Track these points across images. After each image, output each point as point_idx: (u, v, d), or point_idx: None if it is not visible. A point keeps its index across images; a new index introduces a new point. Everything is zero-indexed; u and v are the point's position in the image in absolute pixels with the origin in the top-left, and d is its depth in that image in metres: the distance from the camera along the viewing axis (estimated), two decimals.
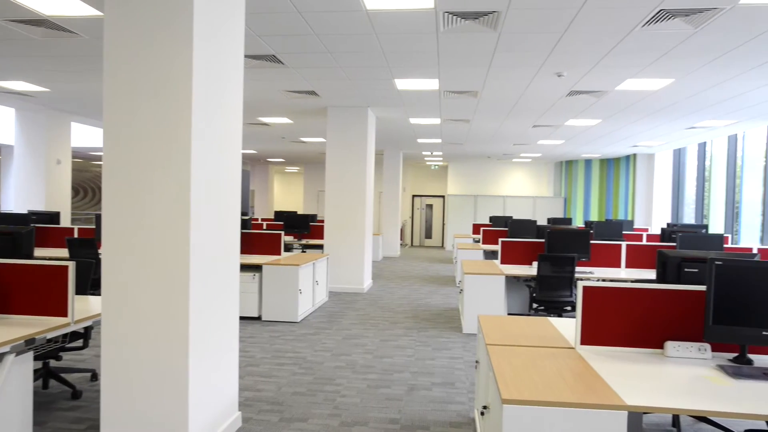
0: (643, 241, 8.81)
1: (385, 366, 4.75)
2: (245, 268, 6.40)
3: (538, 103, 7.98)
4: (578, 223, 16.50)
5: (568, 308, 5.55)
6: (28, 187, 9.67)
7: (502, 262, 6.69)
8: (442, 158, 17.50)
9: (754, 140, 10.19)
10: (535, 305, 5.62)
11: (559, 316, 5.53)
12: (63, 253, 6.91)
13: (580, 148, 13.64)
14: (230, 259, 3.28)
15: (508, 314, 6.53)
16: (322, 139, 12.57)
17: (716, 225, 11.36)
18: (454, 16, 4.44)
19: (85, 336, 3.67)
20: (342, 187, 8.80)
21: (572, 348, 2.78)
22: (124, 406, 2.83)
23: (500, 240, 6.76)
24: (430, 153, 15.77)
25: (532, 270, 6.08)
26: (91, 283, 4.03)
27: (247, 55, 5.71)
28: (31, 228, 4.13)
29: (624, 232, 9.33)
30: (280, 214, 12.28)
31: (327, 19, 4.58)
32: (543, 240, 6.48)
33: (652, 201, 14.02)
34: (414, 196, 19.76)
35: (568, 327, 3.26)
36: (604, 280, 5.61)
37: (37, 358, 3.61)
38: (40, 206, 9.75)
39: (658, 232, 11.23)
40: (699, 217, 12.11)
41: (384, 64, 6.00)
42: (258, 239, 7.14)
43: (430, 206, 19.70)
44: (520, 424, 2.02)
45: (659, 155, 13.92)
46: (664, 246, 6.62)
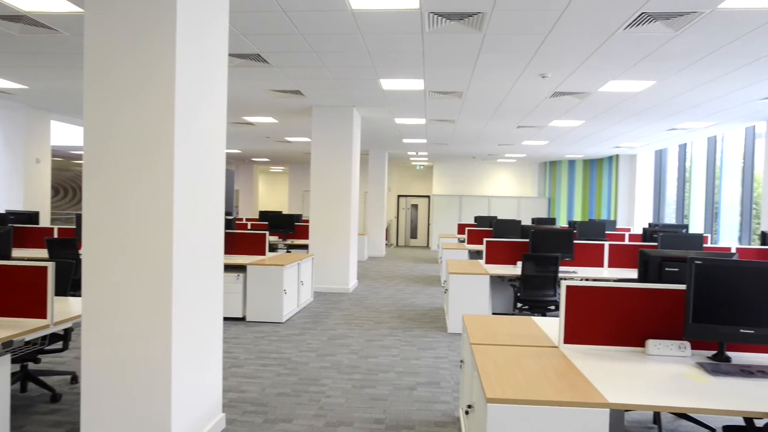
0: (626, 241, 8.92)
1: (370, 366, 4.75)
2: (229, 268, 6.35)
3: (523, 104, 8.04)
4: (562, 223, 16.66)
5: (552, 307, 5.60)
6: (6, 186, 9.48)
7: (487, 262, 6.73)
8: (427, 158, 17.55)
9: (733, 142, 10.38)
10: (519, 305, 5.66)
11: (543, 315, 5.57)
12: (42, 253, 6.79)
13: (564, 149, 13.78)
14: (214, 260, 3.25)
15: (493, 314, 6.56)
16: (307, 139, 12.53)
17: (696, 225, 11.55)
18: (439, 17, 4.45)
19: (65, 338, 3.61)
20: (327, 187, 8.78)
21: (556, 347, 2.80)
22: (105, 408, 2.79)
23: (485, 240, 6.79)
24: (415, 153, 15.80)
25: (516, 270, 6.12)
26: (71, 284, 3.97)
27: (231, 54, 5.66)
28: (9, 228, 4.06)
29: (607, 232, 9.44)
30: (264, 214, 12.20)
31: (312, 18, 4.56)
32: (527, 240, 6.53)
33: (634, 201, 14.22)
34: (399, 196, 19.78)
35: (552, 326, 3.29)
36: (587, 280, 5.68)
37: (14, 361, 3.54)
38: (18, 206, 9.56)
39: (640, 231, 11.38)
40: (680, 217, 12.30)
41: (369, 64, 6.00)
42: (242, 239, 7.08)
43: (416, 206, 19.74)
44: (504, 423, 2.03)
45: (641, 156, 14.11)
46: (646, 246, 6.71)
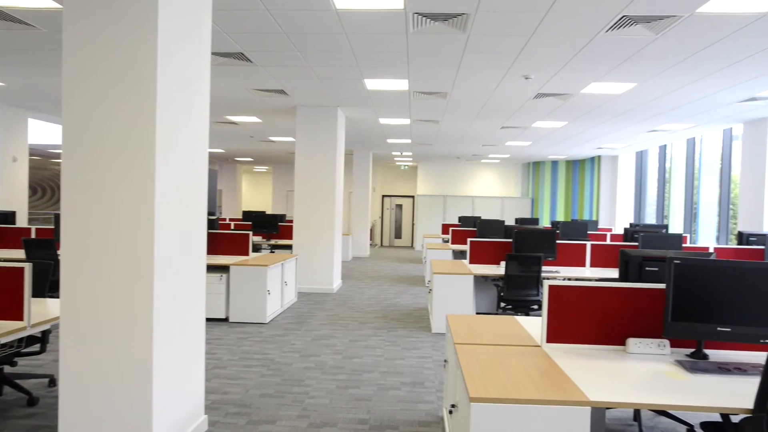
0: (607, 241, 9.03)
1: (354, 366, 4.74)
2: (212, 269, 6.28)
3: (506, 105, 8.10)
4: (545, 223, 16.82)
5: (535, 307, 5.65)
6: None
7: (471, 262, 6.76)
8: (411, 158, 17.58)
9: (711, 144, 10.58)
10: (502, 304, 5.70)
11: (527, 314, 5.62)
12: (19, 254, 6.65)
13: (547, 150, 13.91)
14: (196, 260, 3.21)
15: (477, 313, 6.60)
16: (291, 139, 12.46)
17: (676, 225, 11.74)
18: (424, 17, 4.46)
19: (42, 340, 3.54)
20: (311, 187, 8.75)
21: (538, 346, 2.83)
22: (84, 412, 2.74)
23: (469, 240, 6.82)
24: (399, 153, 15.82)
25: (500, 269, 6.16)
26: (49, 286, 3.90)
27: (214, 53, 5.61)
28: None
29: (589, 232, 9.55)
30: (248, 214, 12.11)
31: (296, 17, 4.54)
32: (511, 240, 6.58)
33: (615, 201, 14.41)
34: (384, 196, 19.78)
35: (535, 325, 3.31)
36: (569, 279, 5.73)
37: None
38: None
39: (622, 232, 11.53)
40: (660, 218, 12.50)
41: (354, 64, 5.99)
42: (225, 239, 7.02)
43: (400, 206, 19.77)
44: (488, 422, 2.04)
45: (622, 157, 14.30)
46: (627, 245, 6.80)
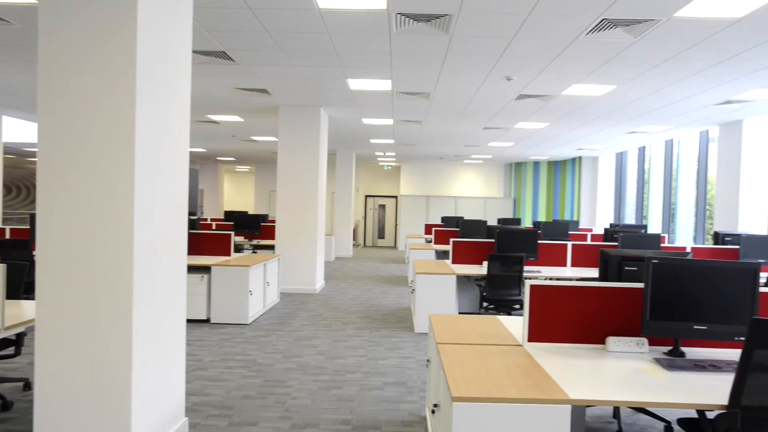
0: (588, 241, 9.15)
1: (337, 367, 4.73)
2: (193, 269, 6.21)
3: (489, 106, 8.16)
4: (527, 223, 16.97)
5: (517, 306, 5.69)
6: None
7: (454, 262, 6.79)
8: (394, 159, 17.60)
9: (688, 146, 10.78)
10: (485, 304, 5.73)
11: (509, 314, 5.66)
12: None
13: (529, 151, 14.04)
14: (177, 260, 3.18)
15: (459, 313, 6.63)
16: (273, 138, 12.39)
17: (654, 225, 11.94)
18: (407, 18, 4.47)
19: (17, 343, 3.48)
20: (294, 187, 8.70)
21: (520, 345, 2.85)
22: (60, 416, 2.69)
23: (451, 240, 6.85)
24: (383, 153, 15.83)
25: (482, 269, 6.20)
26: (24, 287, 3.82)
27: (195, 51, 5.55)
28: None
29: (570, 232, 9.65)
30: (230, 214, 12.01)
31: (278, 16, 4.51)
32: (493, 240, 6.63)
33: (596, 202, 14.60)
34: (367, 197, 19.78)
35: (517, 325, 3.34)
36: (550, 279, 5.79)
37: None
38: None
39: (602, 232, 11.69)
40: (639, 218, 12.70)
41: (337, 64, 5.98)
42: (207, 240, 6.95)
43: (383, 206, 19.77)
44: (469, 421, 2.05)
45: (603, 158, 14.50)
46: (607, 245, 6.90)
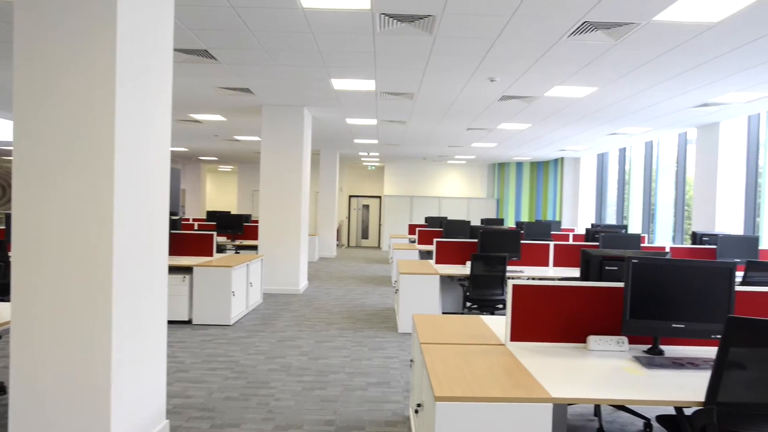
0: (570, 241, 9.26)
1: (320, 367, 4.72)
2: (175, 270, 6.14)
3: (472, 107, 8.20)
4: (510, 223, 17.10)
5: (500, 306, 5.73)
6: None
7: (437, 262, 6.82)
8: (378, 159, 17.61)
9: (667, 147, 10.97)
10: (468, 304, 5.76)
11: (492, 314, 5.70)
12: None
13: (512, 151, 14.15)
14: (157, 261, 3.14)
15: (443, 313, 6.66)
16: (256, 138, 12.30)
17: (635, 225, 12.12)
18: (391, 18, 4.48)
19: None
20: (277, 187, 8.65)
21: (503, 345, 2.87)
22: (37, 419, 2.64)
23: (435, 240, 6.88)
24: (366, 154, 15.83)
25: (465, 269, 6.23)
26: (0, 289, 3.74)
27: (177, 49, 5.49)
28: None
29: (552, 233, 9.76)
30: (212, 214, 11.91)
31: (262, 15, 4.48)
32: (476, 240, 6.66)
33: (578, 202, 14.78)
34: (351, 197, 19.75)
35: (500, 324, 3.36)
36: (533, 279, 5.85)
37: None
38: None
39: (583, 232, 11.84)
40: (620, 218, 12.88)
41: (320, 64, 5.96)
42: (188, 240, 6.88)
43: (367, 207, 19.76)
44: (453, 421, 2.06)
45: (584, 159, 14.68)
46: (588, 245, 6.99)
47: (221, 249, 9.81)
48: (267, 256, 8.59)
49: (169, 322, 6.20)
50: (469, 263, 6.61)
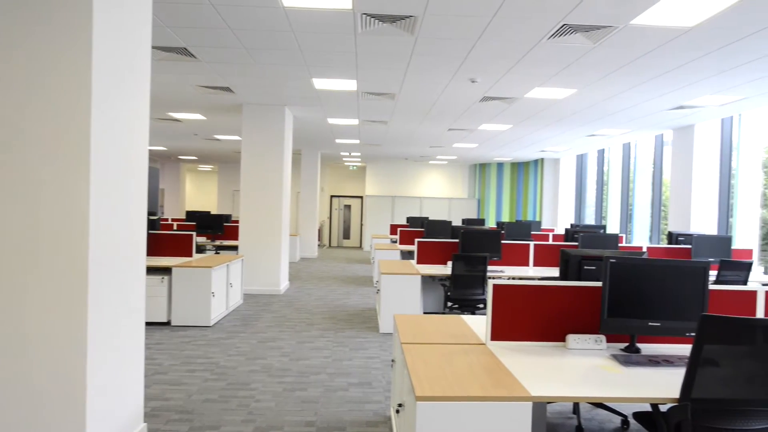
0: (550, 241, 9.36)
1: (301, 368, 4.69)
2: (153, 270, 6.05)
3: (454, 107, 8.24)
4: (491, 223, 17.23)
5: (481, 306, 5.77)
6: None
7: (418, 262, 6.83)
8: (360, 159, 17.59)
9: (644, 149, 11.16)
10: (449, 304, 5.79)
11: (473, 313, 5.73)
12: None
13: (493, 152, 14.26)
14: (135, 261, 3.09)
15: (424, 313, 6.68)
16: (237, 138, 12.19)
17: (613, 225, 12.31)
18: (372, 18, 4.47)
19: None
20: (258, 187, 8.59)
21: (483, 344, 2.89)
22: (9, 424, 2.58)
23: (416, 240, 6.89)
24: (348, 153, 15.80)
25: (446, 269, 6.26)
26: None
27: (155, 47, 5.41)
28: None
29: (532, 233, 9.85)
30: (192, 214, 11.77)
31: (242, 13, 4.44)
32: (457, 240, 6.70)
33: (557, 203, 14.95)
34: (332, 197, 19.70)
35: (480, 324, 3.38)
36: (513, 279, 5.90)
37: None
38: None
39: (563, 232, 11.98)
40: (598, 218, 13.06)
41: (302, 63, 5.93)
42: (167, 240, 6.79)
43: (349, 207, 19.74)
44: (433, 420, 2.06)
45: (564, 160, 14.86)
46: (568, 245, 7.07)
47: (201, 249, 9.70)
48: (247, 256, 8.52)
49: (148, 324, 6.11)
50: (450, 263, 6.64)
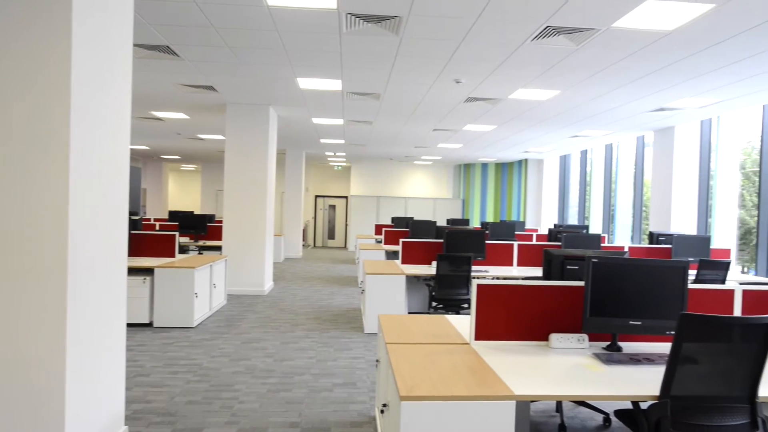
0: (533, 241, 9.43)
1: (285, 369, 4.67)
2: (135, 271, 5.96)
3: (438, 108, 8.27)
4: (475, 223, 17.32)
5: (465, 305, 5.80)
6: None
7: (403, 262, 6.84)
8: (345, 159, 17.56)
9: (626, 150, 11.32)
10: (434, 304, 5.80)
11: (457, 313, 5.76)
12: None
13: (478, 153, 14.33)
14: (116, 262, 3.04)
15: (409, 313, 6.69)
16: (221, 137, 12.09)
17: (596, 225, 12.45)
18: (357, 18, 4.47)
19: None
20: (242, 187, 8.52)
21: (467, 344, 2.90)
22: None
23: (401, 240, 6.90)
24: (333, 153, 15.76)
25: (431, 269, 6.27)
26: None
27: (137, 44, 5.34)
28: None
29: (516, 233, 9.91)
30: (174, 214, 11.65)
31: (226, 11, 4.40)
32: (442, 240, 6.72)
33: (541, 203, 15.08)
34: (317, 197, 19.63)
35: (465, 324, 3.40)
36: (497, 278, 5.94)
37: None
38: None
39: (546, 232, 12.08)
40: (581, 219, 13.21)
41: (286, 63, 5.90)
42: (149, 240, 6.70)
43: (333, 207, 19.69)
44: (417, 420, 2.07)
45: (547, 161, 15.00)
46: (551, 245, 7.14)
47: (184, 250, 9.59)
48: (231, 256, 8.45)
49: (129, 325, 6.02)
50: (434, 263, 6.66)
